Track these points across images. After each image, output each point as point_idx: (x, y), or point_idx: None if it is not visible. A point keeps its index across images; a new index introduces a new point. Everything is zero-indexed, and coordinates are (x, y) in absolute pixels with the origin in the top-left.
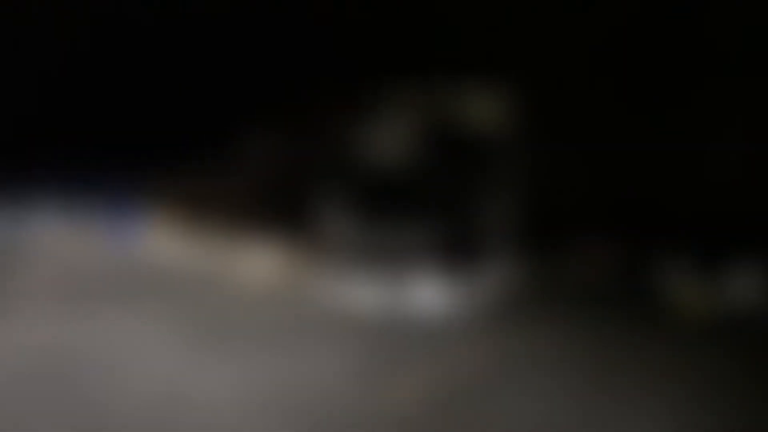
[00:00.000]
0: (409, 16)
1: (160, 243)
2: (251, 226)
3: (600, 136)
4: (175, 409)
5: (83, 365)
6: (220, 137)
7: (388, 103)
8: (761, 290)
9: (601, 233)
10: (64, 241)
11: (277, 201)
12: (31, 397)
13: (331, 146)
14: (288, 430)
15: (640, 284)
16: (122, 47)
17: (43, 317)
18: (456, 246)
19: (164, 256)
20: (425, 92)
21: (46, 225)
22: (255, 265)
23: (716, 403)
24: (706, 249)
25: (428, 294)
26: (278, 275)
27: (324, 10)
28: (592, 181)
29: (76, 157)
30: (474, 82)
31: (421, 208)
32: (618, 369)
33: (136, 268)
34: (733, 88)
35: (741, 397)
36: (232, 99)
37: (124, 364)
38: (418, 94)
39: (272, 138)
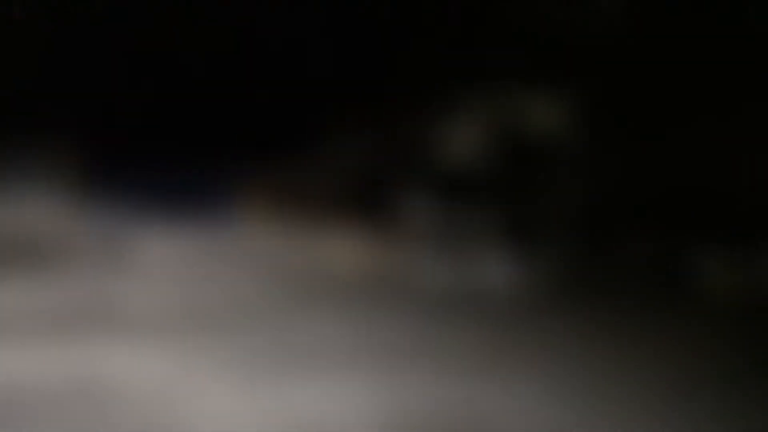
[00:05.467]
0: (483, 27)
1: (252, 234)
2: (337, 216)
3: (642, 135)
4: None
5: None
6: (309, 136)
7: (461, 106)
8: None
9: (645, 224)
10: (160, 236)
11: (360, 193)
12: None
13: (410, 144)
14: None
15: (681, 271)
16: (214, 46)
17: (153, 307)
18: (518, 235)
19: (256, 245)
20: (495, 97)
21: (141, 221)
22: (341, 251)
23: (749, 383)
24: (741, 238)
25: (494, 276)
26: (362, 261)
27: (407, 19)
28: (638, 177)
29: (171, 154)
30: (538, 89)
31: (489, 201)
32: (653, 348)
33: (229, 257)
34: None
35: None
36: (322, 101)
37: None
38: (488, 98)
39: (357, 137)
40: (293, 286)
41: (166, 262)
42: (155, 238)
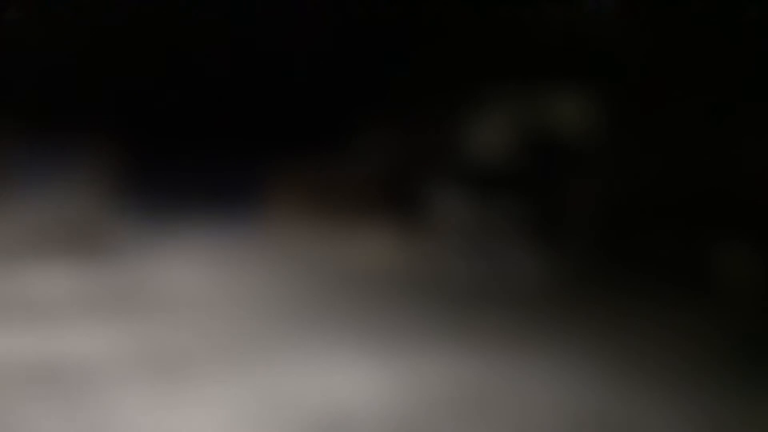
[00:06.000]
0: (511, 29)
1: (281, 228)
2: (366, 212)
3: (666, 133)
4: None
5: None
6: (338, 133)
7: (489, 104)
8: None
9: (669, 221)
10: (192, 228)
11: (389, 190)
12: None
13: (438, 142)
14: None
15: (705, 267)
16: (246, 45)
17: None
18: (546, 230)
19: (285, 239)
20: (522, 95)
21: (175, 213)
22: (370, 247)
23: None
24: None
25: (522, 270)
26: (391, 256)
27: (437, 21)
28: (663, 174)
29: (203, 151)
30: (565, 88)
31: (516, 197)
32: (674, 341)
33: (257, 251)
34: None
35: None
36: (351, 98)
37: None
38: (516, 96)
39: (387, 134)
40: (322, 277)
41: (198, 253)
42: (188, 230)
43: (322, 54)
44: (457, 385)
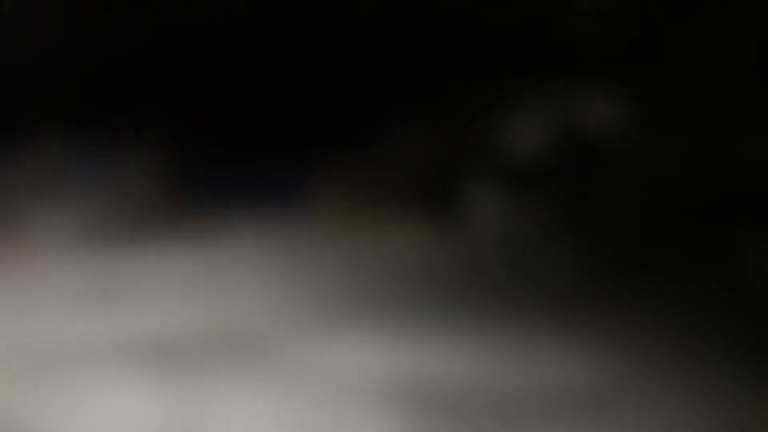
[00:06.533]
0: (544, 27)
1: (323, 222)
2: (405, 209)
3: (695, 131)
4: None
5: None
6: (379, 134)
7: (524, 103)
8: None
9: (698, 216)
10: (242, 224)
11: (427, 187)
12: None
13: (475, 141)
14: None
15: (731, 261)
16: (292, 50)
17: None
18: (574, 225)
19: (327, 234)
20: (556, 94)
21: (225, 211)
22: (406, 241)
23: None
24: None
25: (549, 263)
26: (429, 250)
27: (473, 20)
28: (690, 171)
29: (253, 152)
30: (596, 87)
31: (549, 194)
32: (701, 336)
33: (302, 243)
34: None
35: None
36: (391, 100)
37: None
38: (550, 96)
39: (423, 133)
40: (361, 268)
41: (247, 247)
42: (238, 225)
43: (362, 60)
44: (484, 365)
